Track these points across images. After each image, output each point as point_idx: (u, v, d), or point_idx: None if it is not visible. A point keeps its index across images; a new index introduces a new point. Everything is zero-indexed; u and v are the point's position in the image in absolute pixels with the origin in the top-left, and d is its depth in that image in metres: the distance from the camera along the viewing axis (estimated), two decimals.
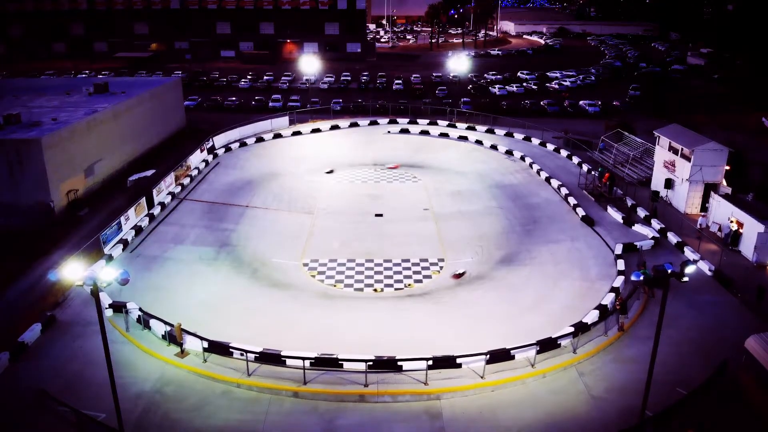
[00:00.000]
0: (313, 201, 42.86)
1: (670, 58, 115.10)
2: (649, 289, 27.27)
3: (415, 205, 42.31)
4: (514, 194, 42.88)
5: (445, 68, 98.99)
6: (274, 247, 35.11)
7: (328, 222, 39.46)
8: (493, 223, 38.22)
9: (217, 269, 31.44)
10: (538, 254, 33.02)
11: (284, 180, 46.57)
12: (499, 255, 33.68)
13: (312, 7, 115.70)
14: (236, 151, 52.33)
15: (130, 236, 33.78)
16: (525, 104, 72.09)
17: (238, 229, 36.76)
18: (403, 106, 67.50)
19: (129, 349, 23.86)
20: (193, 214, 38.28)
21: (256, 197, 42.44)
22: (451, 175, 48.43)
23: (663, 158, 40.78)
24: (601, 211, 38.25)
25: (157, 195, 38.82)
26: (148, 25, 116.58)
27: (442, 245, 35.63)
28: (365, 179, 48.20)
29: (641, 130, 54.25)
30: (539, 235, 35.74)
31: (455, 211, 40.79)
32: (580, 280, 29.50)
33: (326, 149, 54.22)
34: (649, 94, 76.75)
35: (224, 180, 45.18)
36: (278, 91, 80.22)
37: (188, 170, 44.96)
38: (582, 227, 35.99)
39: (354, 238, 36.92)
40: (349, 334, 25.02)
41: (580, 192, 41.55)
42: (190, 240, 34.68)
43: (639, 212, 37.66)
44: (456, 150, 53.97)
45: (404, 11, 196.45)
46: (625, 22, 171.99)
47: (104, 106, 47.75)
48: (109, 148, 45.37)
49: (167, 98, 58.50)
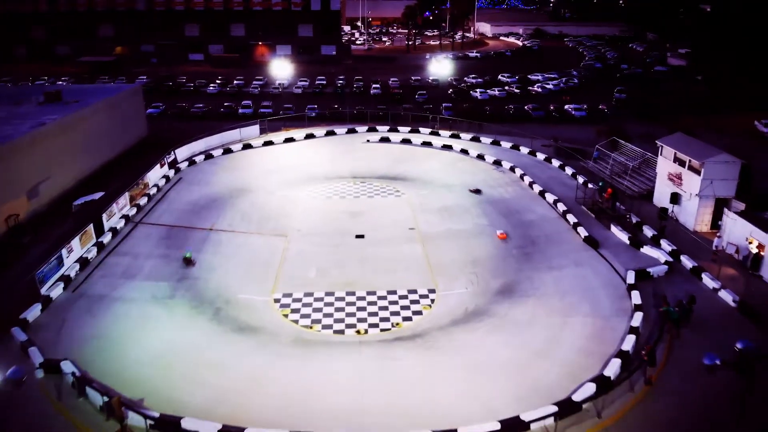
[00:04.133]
0: (287, 220, 38.68)
1: (650, 59, 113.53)
2: (676, 329, 23.86)
3: (399, 224, 38.43)
4: (507, 210, 39.26)
5: (424, 71, 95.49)
6: (241, 278, 30.83)
7: (303, 245, 35.32)
8: (487, 245, 34.49)
9: (172, 311, 27.04)
10: (540, 283, 29.35)
11: (254, 196, 42.27)
12: (496, 284, 29.89)
13: (284, 9, 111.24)
14: (201, 164, 47.81)
15: (74, 271, 29.28)
16: (509, 109, 68.81)
17: (200, 257, 32.34)
18: (382, 112, 63.73)
19: (60, 425, 19.45)
20: (148, 241, 33.79)
21: (222, 218, 38.07)
22: (437, 188, 44.67)
23: (667, 170, 37.58)
24: (603, 229, 34.81)
25: (108, 219, 34.19)
26: (113, 28, 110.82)
27: (432, 272, 31.74)
28: (343, 193, 44.18)
29: (633, 136, 51.32)
30: (539, 259, 32.09)
31: (444, 231, 36.97)
32: (592, 317, 25.89)
33: (301, 160, 50.05)
34: (635, 97, 74.25)
35: (187, 198, 40.69)
36: (249, 97, 75.69)
37: (146, 188, 40.33)
38: (585, 249, 32.47)
39: (332, 264, 32.86)
40: (329, 395, 20.95)
41: (578, 207, 38.12)
42: (144, 274, 30.19)
43: (645, 231, 34.34)
44: (440, 160, 50.26)
45: (379, 13, 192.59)
46: (601, 23, 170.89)
47: (53, 117, 42.97)
48: (57, 166, 40.59)
49: (126, 107, 53.67)
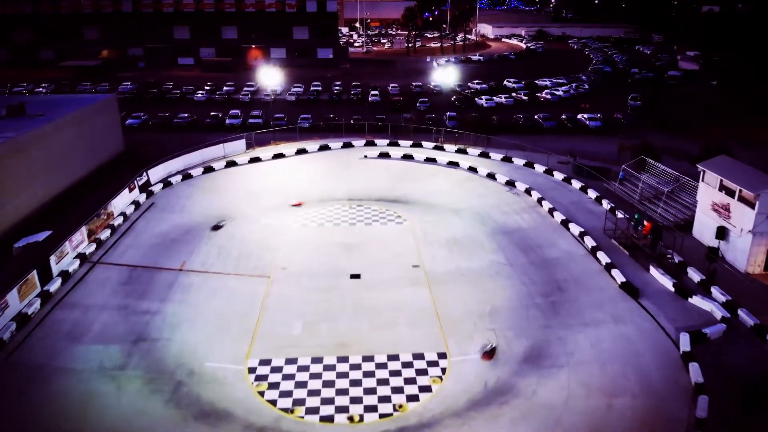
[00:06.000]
0: (271, 256, 33.53)
1: (660, 62, 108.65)
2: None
3: (401, 259, 33.32)
4: (525, 244, 34.14)
5: (426, 76, 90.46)
6: (211, 338, 25.54)
7: (287, 289, 30.13)
8: (505, 290, 29.33)
9: (122, 388, 21.83)
10: (574, 346, 24.22)
11: (235, 225, 37.13)
12: (521, 347, 24.69)
13: (279, 10, 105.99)
14: (177, 186, 42.61)
15: (8, 332, 24.14)
16: (518, 119, 63.75)
17: (163, 309, 27.14)
18: (381, 122, 58.75)
19: None
20: (105, 288, 28.57)
21: (196, 254, 32.88)
22: (443, 213, 39.59)
23: (711, 199, 32.51)
24: (640, 270, 29.73)
25: (57, 262, 28.97)
26: (99, 30, 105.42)
27: (441, 328, 26.54)
28: (338, 219, 39.08)
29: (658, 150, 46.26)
30: (570, 312, 26.92)
31: (453, 270, 31.82)
32: (643, 397, 20.79)
33: (291, 180, 44.95)
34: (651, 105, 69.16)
35: (157, 229, 35.52)
36: (238, 105, 70.54)
37: (110, 219, 35.15)
38: (623, 299, 27.36)
39: (322, 316, 27.66)
40: None
41: (608, 241, 33.07)
42: (93, 333, 24.95)
43: (690, 273, 29.25)
44: (446, 179, 45.19)
45: (378, 14, 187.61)
46: (605, 24, 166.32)
47: (8, 135, 37.75)
48: (10, 192, 35.37)
49: (98, 120, 48.30)
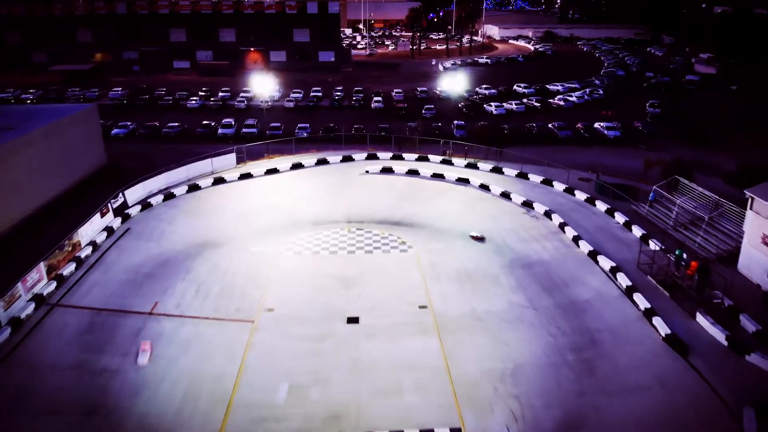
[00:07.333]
0: (256, 294, 29.34)
1: (674, 65, 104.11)
2: None
3: (405, 297, 29.10)
4: (549, 280, 29.83)
5: (431, 81, 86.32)
6: (175, 414, 21.14)
7: (273, 338, 25.91)
8: (529, 342, 25.02)
9: None
10: (615, 420, 19.93)
11: (219, 255, 33.00)
12: (550, 421, 20.39)
13: (278, 12, 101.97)
14: (158, 208, 38.43)
15: None
16: (531, 128, 59.49)
17: (125, 367, 22.97)
18: (384, 132, 54.70)
19: None
20: (59, 340, 24.39)
21: (171, 293, 28.65)
22: (453, 239, 35.39)
23: (761, 230, 28.21)
24: (686, 318, 25.46)
25: (6, 309, 24.87)
26: (93, 33, 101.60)
27: (455, 394, 22.25)
28: (334, 246, 34.91)
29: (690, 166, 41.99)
30: (607, 372, 22.61)
31: (467, 313, 27.54)
32: None
33: (284, 199, 40.81)
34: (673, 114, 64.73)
35: (129, 261, 31.33)
36: (233, 112, 66.49)
37: (76, 249, 31.03)
38: (668, 356, 23.07)
39: (312, 377, 23.32)
40: None
41: (644, 278, 28.77)
42: (35, 405, 20.77)
43: (744, 321, 24.96)
44: (455, 198, 40.98)
45: (382, 15, 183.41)
46: (613, 25, 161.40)
47: None
48: None
49: (75, 133, 44.09)
